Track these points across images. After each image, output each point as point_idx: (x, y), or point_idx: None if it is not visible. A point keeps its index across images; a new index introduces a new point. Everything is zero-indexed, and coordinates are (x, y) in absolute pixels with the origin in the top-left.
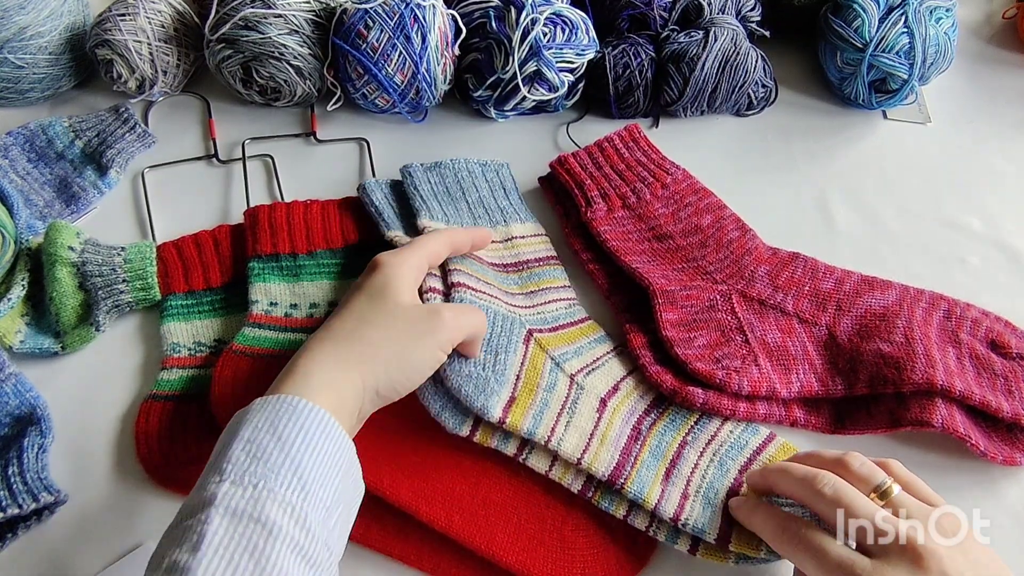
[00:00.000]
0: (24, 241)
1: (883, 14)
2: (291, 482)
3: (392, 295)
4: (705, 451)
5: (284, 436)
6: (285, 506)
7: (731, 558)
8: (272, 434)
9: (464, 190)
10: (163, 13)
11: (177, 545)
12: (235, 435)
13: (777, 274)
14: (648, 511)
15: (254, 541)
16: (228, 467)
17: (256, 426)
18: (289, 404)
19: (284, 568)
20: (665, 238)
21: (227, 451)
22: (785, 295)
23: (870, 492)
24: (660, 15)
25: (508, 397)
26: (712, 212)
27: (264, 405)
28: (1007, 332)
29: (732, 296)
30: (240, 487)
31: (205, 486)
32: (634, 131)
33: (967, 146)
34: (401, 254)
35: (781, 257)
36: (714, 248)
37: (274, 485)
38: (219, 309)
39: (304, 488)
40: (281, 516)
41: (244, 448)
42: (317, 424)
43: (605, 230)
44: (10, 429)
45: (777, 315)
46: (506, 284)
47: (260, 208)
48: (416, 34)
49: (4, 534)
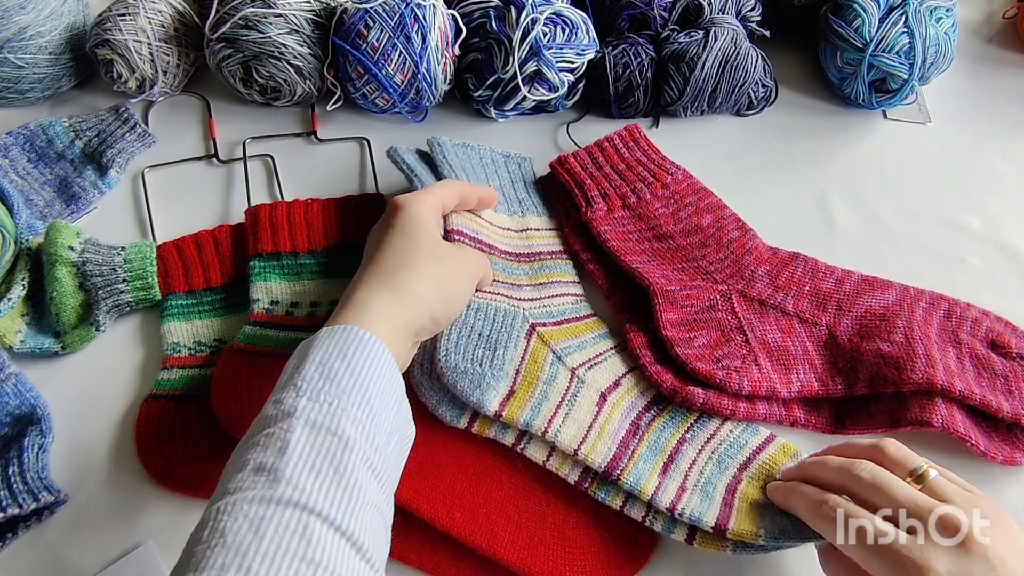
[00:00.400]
0: (24, 241)
1: (883, 14)
2: (360, 403)
3: (424, 230)
4: (704, 449)
5: (353, 363)
6: (357, 424)
7: (728, 546)
8: (343, 359)
9: (488, 175)
10: (163, 13)
11: (262, 448)
12: (305, 357)
13: (777, 274)
14: (644, 502)
15: (332, 451)
16: (303, 385)
17: (327, 351)
18: (355, 335)
19: (359, 477)
20: (665, 238)
21: (300, 370)
22: (785, 295)
23: (906, 476)
24: (660, 15)
25: (506, 391)
26: (712, 212)
27: (332, 334)
28: (1007, 332)
29: (732, 296)
30: (316, 403)
31: (282, 400)
32: (634, 131)
33: (967, 146)
34: (419, 195)
35: (781, 257)
36: (714, 248)
37: (346, 405)
38: (219, 309)
39: (372, 411)
40: (355, 432)
41: (317, 369)
42: (379, 356)
43: (605, 230)
44: (10, 429)
45: (777, 315)
46: (514, 275)
47: (261, 207)
48: (416, 34)
49: (4, 534)
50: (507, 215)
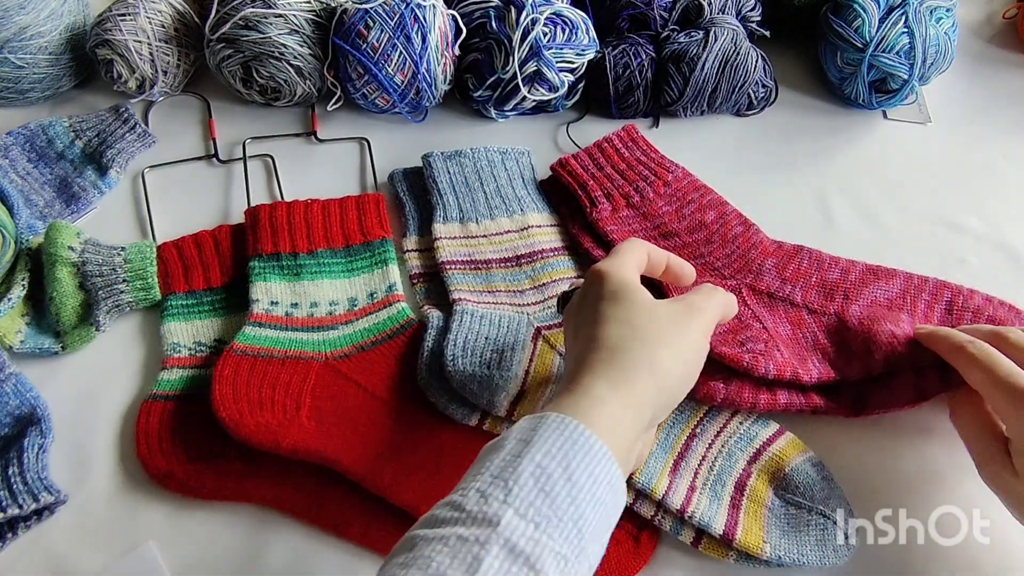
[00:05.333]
0: (24, 241)
1: (883, 14)
2: (571, 533)
3: (638, 295)
4: (714, 443)
5: (575, 477)
6: (559, 559)
7: (732, 556)
8: (564, 469)
9: (482, 180)
10: (163, 13)
11: (450, 554)
12: (528, 447)
13: (784, 266)
14: (655, 501)
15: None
16: (516, 489)
17: (549, 452)
18: (585, 440)
19: None
20: (671, 235)
21: (517, 467)
22: (793, 287)
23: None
24: (660, 15)
25: (516, 391)
26: (715, 208)
27: (560, 427)
28: (1011, 317)
29: (743, 290)
30: (524, 521)
31: (487, 497)
32: (632, 131)
33: (967, 146)
34: (618, 259)
35: (786, 250)
36: (720, 244)
37: (555, 531)
38: (219, 309)
39: (581, 542)
40: (553, 569)
41: (533, 473)
42: (606, 474)
43: (612, 229)
44: (10, 429)
45: (787, 307)
46: (516, 281)
47: (261, 207)
48: (416, 34)
49: (4, 534)
50: (506, 217)
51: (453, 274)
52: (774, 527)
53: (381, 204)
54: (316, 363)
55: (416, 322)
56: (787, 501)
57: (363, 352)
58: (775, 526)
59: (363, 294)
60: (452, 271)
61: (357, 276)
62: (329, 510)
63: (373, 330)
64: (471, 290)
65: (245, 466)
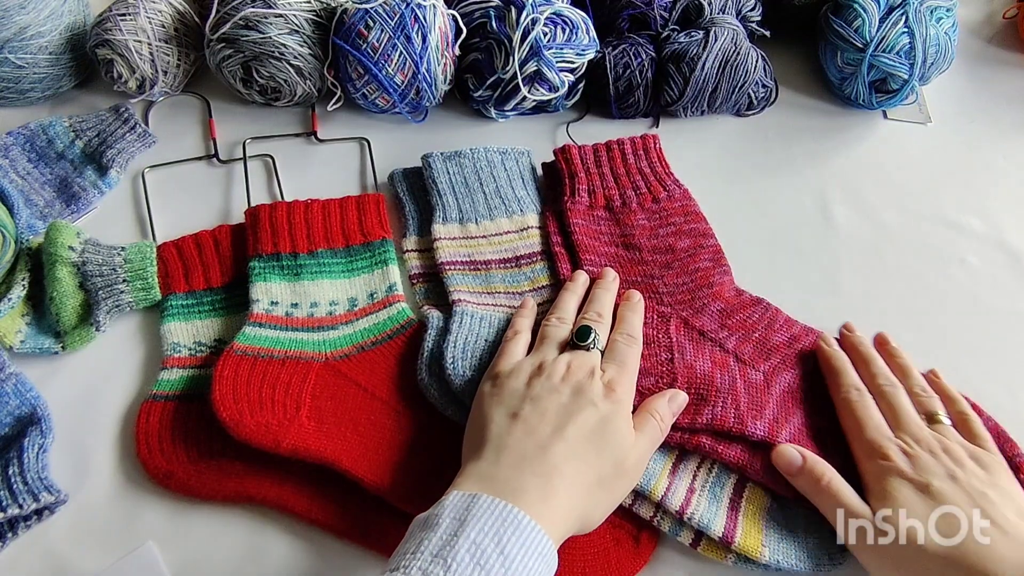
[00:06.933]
0: (24, 241)
1: (883, 14)
2: None
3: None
4: None
5: (508, 553)
6: None
7: (731, 558)
8: (497, 546)
9: (482, 181)
10: (163, 13)
11: None
12: (463, 526)
13: (730, 314)
14: (654, 502)
15: None
16: (453, 565)
17: (483, 529)
18: (515, 517)
19: None
20: (633, 248)
21: (454, 544)
22: (730, 335)
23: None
24: (660, 15)
25: None
26: (692, 237)
27: (492, 506)
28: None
29: (672, 319)
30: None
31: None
32: (650, 140)
33: (967, 146)
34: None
35: (743, 300)
36: (677, 272)
37: None
38: (219, 309)
39: None
40: None
41: (469, 550)
42: (536, 545)
43: (577, 223)
44: (10, 429)
45: (713, 347)
46: (516, 283)
47: (261, 207)
48: (416, 34)
49: (4, 534)
50: (505, 217)
51: (452, 275)
52: (773, 530)
53: (381, 204)
54: (316, 363)
55: (416, 322)
56: (786, 503)
57: (363, 352)
58: (774, 529)
59: (363, 294)
60: (451, 272)
61: (357, 276)
62: (329, 510)
63: (373, 330)
64: (470, 291)
65: (245, 466)
